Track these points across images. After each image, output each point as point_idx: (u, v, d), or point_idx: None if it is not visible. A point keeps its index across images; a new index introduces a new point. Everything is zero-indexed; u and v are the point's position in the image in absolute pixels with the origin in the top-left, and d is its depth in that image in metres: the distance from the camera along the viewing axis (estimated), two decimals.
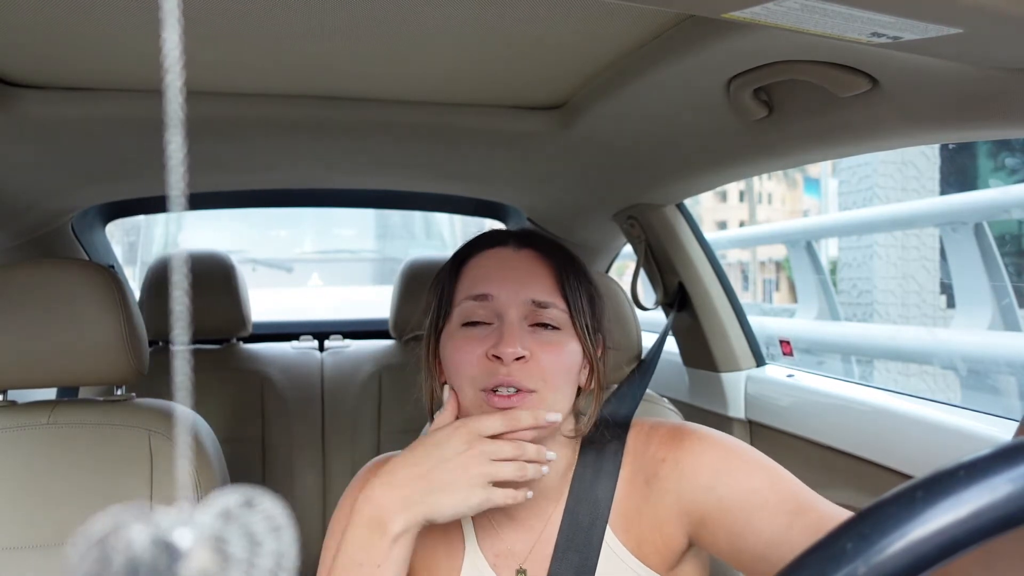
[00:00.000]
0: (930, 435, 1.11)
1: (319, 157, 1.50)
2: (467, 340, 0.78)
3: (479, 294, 0.79)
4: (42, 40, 0.89)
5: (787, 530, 0.71)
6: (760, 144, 1.06)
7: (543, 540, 0.83)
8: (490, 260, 0.82)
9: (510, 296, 0.78)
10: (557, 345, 0.78)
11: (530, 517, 0.83)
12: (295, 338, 2.12)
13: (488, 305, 0.78)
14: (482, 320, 0.79)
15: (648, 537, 0.81)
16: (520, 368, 0.75)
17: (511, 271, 0.80)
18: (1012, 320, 3.87)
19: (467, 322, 0.79)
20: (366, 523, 0.71)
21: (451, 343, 0.80)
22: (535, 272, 0.80)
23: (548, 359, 0.76)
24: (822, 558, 0.28)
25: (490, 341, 0.76)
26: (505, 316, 0.77)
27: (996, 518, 0.27)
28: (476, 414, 0.76)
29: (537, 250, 0.82)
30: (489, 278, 0.80)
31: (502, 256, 0.82)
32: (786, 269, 16.13)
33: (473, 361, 0.77)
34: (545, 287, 0.79)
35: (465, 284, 0.81)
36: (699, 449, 0.80)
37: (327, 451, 1.87)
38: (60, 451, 1.10)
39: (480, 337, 0.77)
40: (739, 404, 1.58)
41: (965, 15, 0.51)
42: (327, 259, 4.61)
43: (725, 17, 0.55)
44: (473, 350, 0.77)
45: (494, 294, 0.78)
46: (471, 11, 0.81)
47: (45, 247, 1.75)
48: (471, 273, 0.82)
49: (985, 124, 0.78)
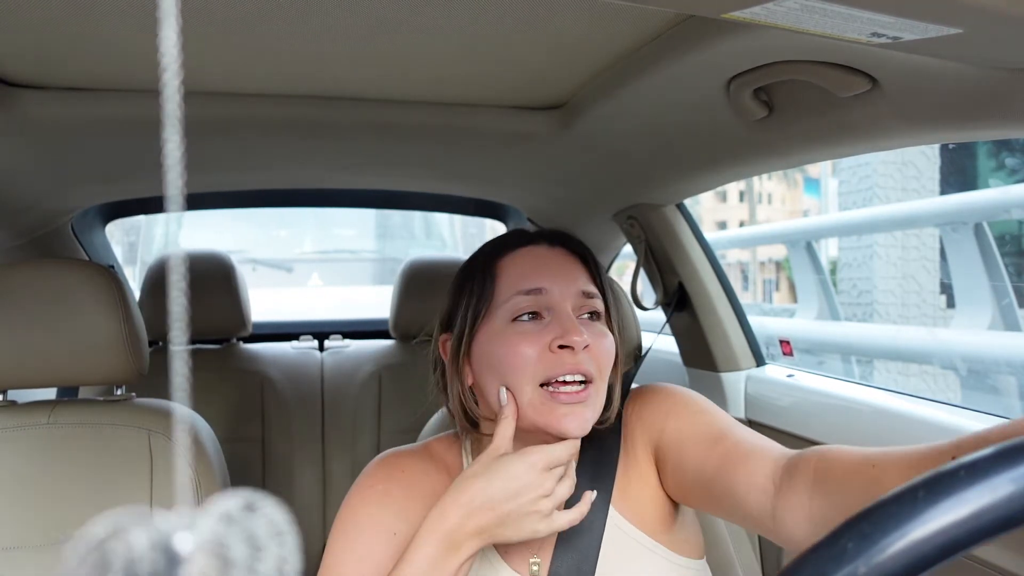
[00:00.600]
0: (930, 435, 1.11)
1: (319, 157, 1.50)
2: (524, 335, 0.78)
3: (532, 288, 0.79)
4: (42, 40, 0.89)
5: (704, 460, 0.78)
6: (760, 144, 1.06)
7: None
8: (532, 257, 0.83)
9: (562, 289, 0.80)
10: (604, 334, 0.81)
11: None
12: (295, 338, 2.12)
13: (541, 299, 0.80)
14: (535, 313, 0.80)
15: (642, 497, 0.85)
16: (584, 356, 0.77)
17: (557, 266, 0.82)
18: (1012, 320, 3.87)
19: (516, 317, 0.80)
20: (439, 541, 0.72)
21: (502, 342, 0.79)
22: (574, 266, 0.83)
23: (601, 346, 0.79)
24: (823, 557, 0.28)
25: (550, 333, 0.77)
26: (559, 309, 0.79)
27: (997, 518, 0.27)
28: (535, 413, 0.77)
29: (567, 248, 0.85)
30: (538, 273, 0.81)
31: (541, 253, 0.84)
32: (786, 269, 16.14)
33: (534, 355, 0.77)
34: (585, 278, 0.83)
35: (509, 280, 0.81)
36: (652, 399, 0.88)
37: (327, 451, 1.87)
38: (60, 451, 1.10)
39: (537, 331, 0.78)
40: (739, 404, 1.58)
41: (965, 15, 0.51)
42: (327, 259, 4.61)
43: (725, 17, 0.55)
44: (533, 345, 0.77)
45: (547, 287, 0.80)
46: (471, 11, 0.81)
47: (45, 247, 1.75)
48: (513, 271, 0.82)
49: (985, 124, 0.78)
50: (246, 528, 0.20)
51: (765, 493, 0.71)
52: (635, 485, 0.86)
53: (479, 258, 0.86)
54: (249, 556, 0.20)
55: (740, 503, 0.74)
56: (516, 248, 0.84)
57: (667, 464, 0.84)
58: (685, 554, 0.85)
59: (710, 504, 0.81)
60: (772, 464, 0.73)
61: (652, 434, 0.86)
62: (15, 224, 1.59)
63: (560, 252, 0.84)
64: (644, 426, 0.87)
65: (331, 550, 0.82)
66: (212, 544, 0.20)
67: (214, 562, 0.20)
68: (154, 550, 0.19)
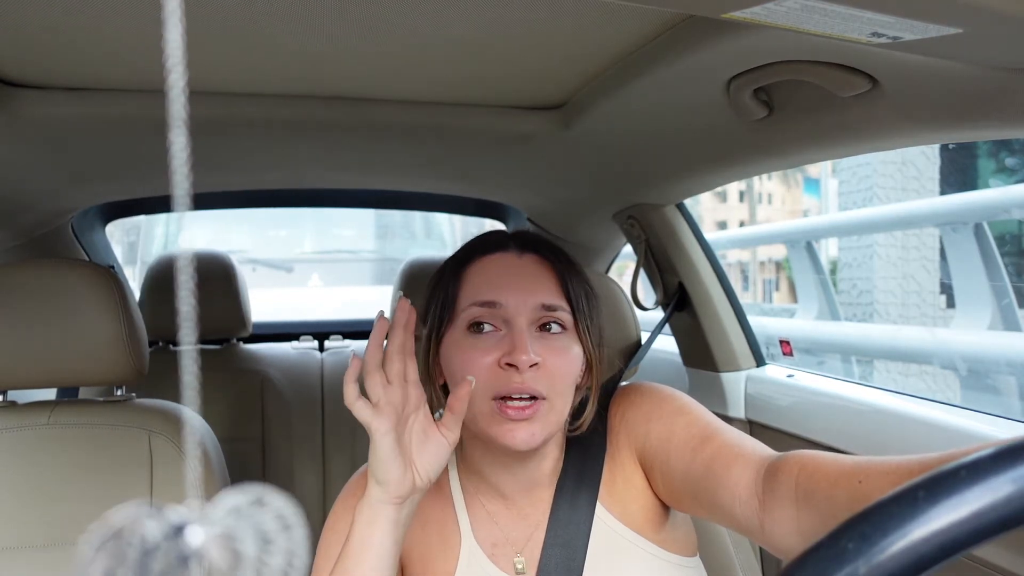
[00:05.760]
0: (930, 435, 1.11)
1: (319, 157, 1.50)
2: (476, 349, 0.78)
3: (487, 301, 0.78)
4: (42, 40, 0.89)
5: (690, 463, 0.77)
6: (760, 144, 1.06)
7: (539, 527, 0.84)
8: (495, 266, 0.82)
9: (518, 303, 0.78)
10: (563, 350, 0.79)
11: (525, 505, 0.85)
12: (295, 338, 2.12)
13: (496, 312, 0.78)
14: (490, 324, 0.78)
15: (628, 497, 0.85)
16: (532, 375, 0.75)
17: (517, 277, 0.80)
18: (1012, 320, 3.87)
19: (473, 326, 0.79)
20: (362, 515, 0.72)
21: (458, 351, 0.79)
22: (540, 277, 0.81)
23: (556, 363, 0.77)
24: (822, 558, 0.28)
25: (501, 349, 0.76)
26: (514, 323, 0.78)
27: (998, 518, 0.27)
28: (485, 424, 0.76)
29: (539, 254, 0.83)
30: (496, 284, 0.79)
31: (506, 262, 0.82)
32: (786, 269, 16.13)
33: (484, 370, 0.76)
34: (551, 290, 0.80)
35: (470, 289, 0.81)
36: (637, 400, 0.87)
37: (327, 451, 1.87)
38: (60, 451, 1.10)
39: (489, 346, 0.77)
40: (739, 404, 1.58)
41: (965, 15, 0.51)
42: (327, 259, 4.60)
43: (725, 17, 0.55)
44: (483, 359, 0.77)
45: (502, 302, 0.78)
46: (471, 11, 0.81)
47: (45, 247, 1.75)
48: (475, 279, 0.81)
49: (985, 124, 0.78)
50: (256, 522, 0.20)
51: (749, 505, 0.71)
52: (621, 485, 0.85)
53: (451, 261, 0.85)
54: (259, 549, 0.20)
55: (727, 513, 0.73)
56: (485, 254, 0.83)
57: (654, 470, 0.83)
58: (676, 552, 0.85)
59: (701, 511, 0.80)
60: (753, 473, 0.72)
61: (636, 439, 0.85)
62: (15, 224, 1.59)
63: (529, 260, 0.82)
64: (627, 429, 0.86)
65: (317, 553, 0.82)
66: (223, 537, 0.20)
67: (225, 555, 0.20)
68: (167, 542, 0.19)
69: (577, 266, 0.85)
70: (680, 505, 0.84)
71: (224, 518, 0.20)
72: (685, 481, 0.78)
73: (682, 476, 0.79)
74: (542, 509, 0.85)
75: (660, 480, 0.83)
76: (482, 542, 0.83)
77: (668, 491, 0.83)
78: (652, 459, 0.83)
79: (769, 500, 0.69)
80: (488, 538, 0.84)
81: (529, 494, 0.85)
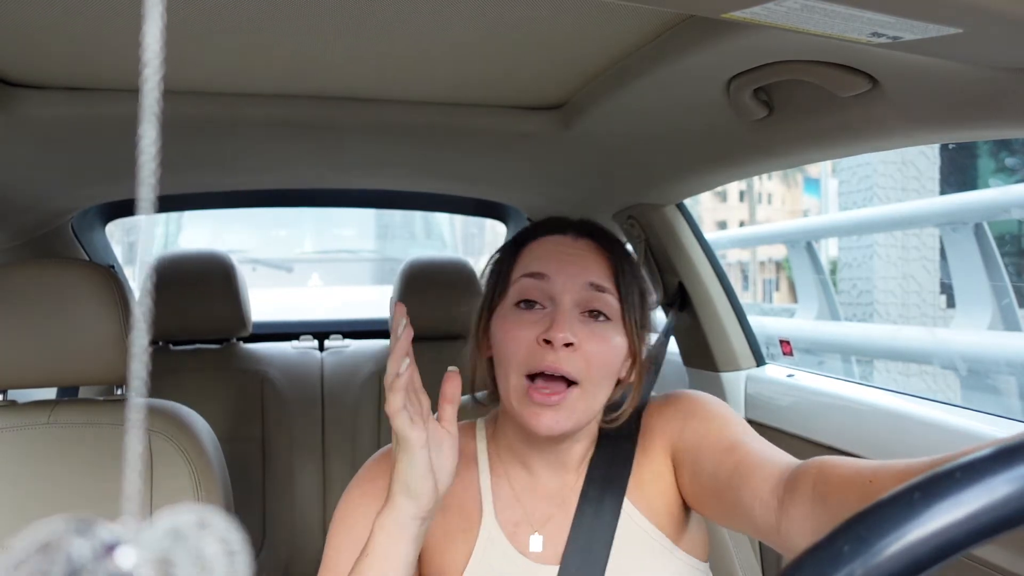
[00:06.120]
0: (930, 435, 1.11)
1: (319, 157, 1.50)
2: (519, 323, 0.80)
3: (535, 272, 0.81)
4: (42, 40, 0.89)
5: (717, 468, 0.78)
6: (760, 144, 1.06)
7: (564, 507, 0.85)
8: (549, 244, 0.84)
9: (566, 280, 0.80)
10: (604, 337, 0.80)
11: (551, 485, 0.86)
12: (295, 338, 2.12)
13: (543, 286, 0.80)
14: (537, 300, 0.80)
15: (654, 493, 0.86)
16: (567, 355, 0.77)
17: (569, 256, 0.82)
18: (1012, 320, 3.87)
19: (521, 300, 0.81)
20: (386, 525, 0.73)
21: (503, 323, 0.81)
22: (591, 259, 0.82)
23: (594, 349, 0.78)
24: (819, 560, 0.28)
25: (542, 326, 0.78)
26: (559, 300, 0.79)
27: (994, 519, 0.27)
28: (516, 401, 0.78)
29: (596, 241, 0.85)
30: (547, 259, 0.82)
31: (561, 242, 0.84)
32: (786, 269, 16.13)
33: (522, 345, 0.78)
34: (600, 273, 0.81)
35: (522, 263, 0.84)
36: (676, 403, 0.89)
37: (327, 451, 1.87)
38: (60, 451, 1.10)
39: (532, 321, 0.79)
40: (739, 404, 1.58)
41: (965, 15, 0.51)
42: (327, 259, 4.60)
43: (725, 17, 0.55)
44: (524, 334, 0.78)
45: (551, 275, 0.80)
46: (471, 11, 0.81)
47: (45, 247, 1.75)
48: (529, 254, 0.84)
49: (985, 124, 0.78)
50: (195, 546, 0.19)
51: (769, 507, 0.71)
52: (650, 482, 0.86)
53: (512, 241, 0.89)
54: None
55: (747, 515, 0.74)
56: (543, 235, 0.86)
57: (684, 469, 0.84)
58: (692, 554, 0.86)
59: (721, 514, 0.81)
60: (777, 477, 0.72)
61: (671, 435, 0.86)
62: (15, 224, 1.59)
63: (585, 244, 0.84)
64: (663, 426, 0.87)
65: (330, 543, 0.82)
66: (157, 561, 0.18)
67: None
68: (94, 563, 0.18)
69: (633, 261, 0.86)
70: (702, 506, 0.84)
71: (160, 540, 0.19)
72: (712, 480, 0.79)
73: (710, 475, 0.79)
74: (567, 492, 0.86)
75: (688, 478, 0.84)
76: (504, 523, 0.85)
77: (693, 490, 0.83)
78: (683, 456, 0.84)
79: (788, 501, 0.69)
80: (510, 518, 0.85)
81: (557, 475, 0.87)
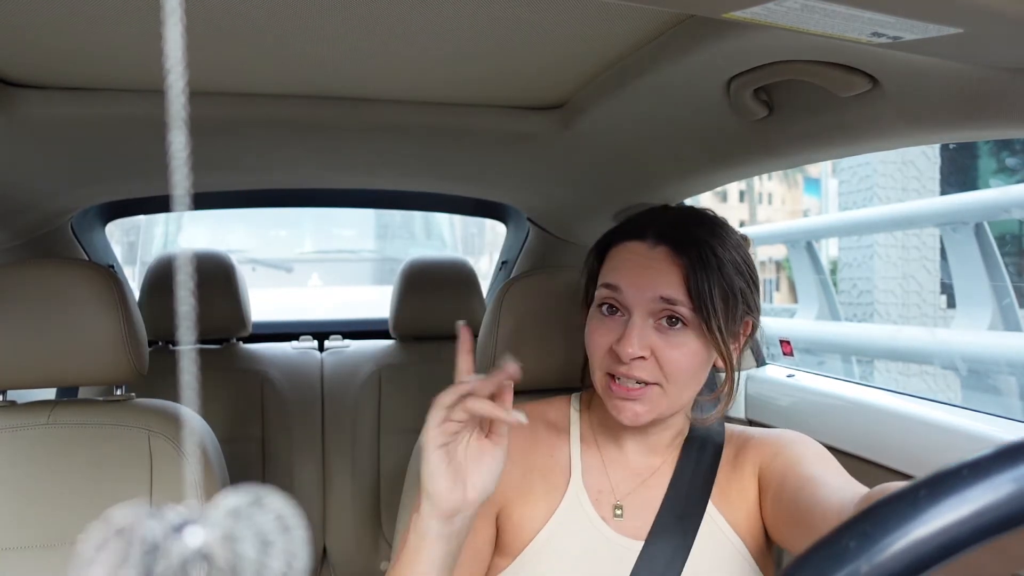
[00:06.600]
0: (930, 435, 1.11)
1: (319, 157, 1.50)
2: (599, 328, 0.84)
3: (610, 283, 0.84)
4: (42, 40, 0.89)
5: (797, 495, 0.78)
6: (760, 144, 1.06)
7: (648, 486, 0.88)
8: (627, 253, 0.86)
9: (636, 294, 0.82)
10: (680, 345, 0.81)
11: (640, 461, 0.90)
12: (295, 338, 2.12)
13: (617, 296, 0.83)
14: (616, 305, 0.84)
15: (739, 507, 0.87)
16: (639, 365, 0.81)
17: (642, 268, 0.83)
18: (1012, 320, 3.87)
19: (602, 305, 0.85)
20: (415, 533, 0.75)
21: (590, 323, 0.87)
22: (664, 270, 0.82)
23: (670, 357, 0.80)
24: (824, 556, 0.28)
25: (616, 334, 0.82)
26: (632, 312, 0.82)
27: (999, 517, 0.27)
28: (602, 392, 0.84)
29: (672, 247, 0.83)
30: (621, 270, 0.84)
31: (638, 252, 0.85)
32: (786, 269, 16.13)
33: (600, 349, 0.83)
34: (672, 284, 0.81)
35: (604, 269, 0.87)
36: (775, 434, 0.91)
37: (327, 451, 1.87)
38: (60, 451, 1.10)
39: (609, 328, 0.83)
40: (739, 404, 1.58)
41: (965, 15, 0.51)
42: (327, 259, 4.60)
43: (725, 17, 0.55)
44: (601, 340, 0.83)
45: (623, 287, 0.83)
46: (471, 11, 0.81)
47: (45, 247, 1.75)
48: (610, 262, 0.87)
49: (985, 124, 0.78)
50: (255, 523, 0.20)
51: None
52: (736, 494, 0.88)
53: (600, 242, 0.92)
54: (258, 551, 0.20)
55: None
56: (624, 240, 0.87)
57: (769, 490, 0.85)
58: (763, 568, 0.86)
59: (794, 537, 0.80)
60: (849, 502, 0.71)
61: (762, 460, 0.88)
62: (15, 224, 1.59)
63: (660, 252, 0.83)
64: (758, 450, 0.89)
65: None
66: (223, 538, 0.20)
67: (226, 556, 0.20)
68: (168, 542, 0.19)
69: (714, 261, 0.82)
70: (781, 534, 0.84)
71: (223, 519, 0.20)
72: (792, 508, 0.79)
73: (790, 503, 0.80)
74: (654, 473, 0.89)
75: (770, 504, 0.84)
76: (589, 488, 0.88)
77: (774, 517, 0.84)
78: (770, 480, 0.85)
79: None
80: (595, 485, 0.89)
81: (644, 455, 0.90)
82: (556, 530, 0.85)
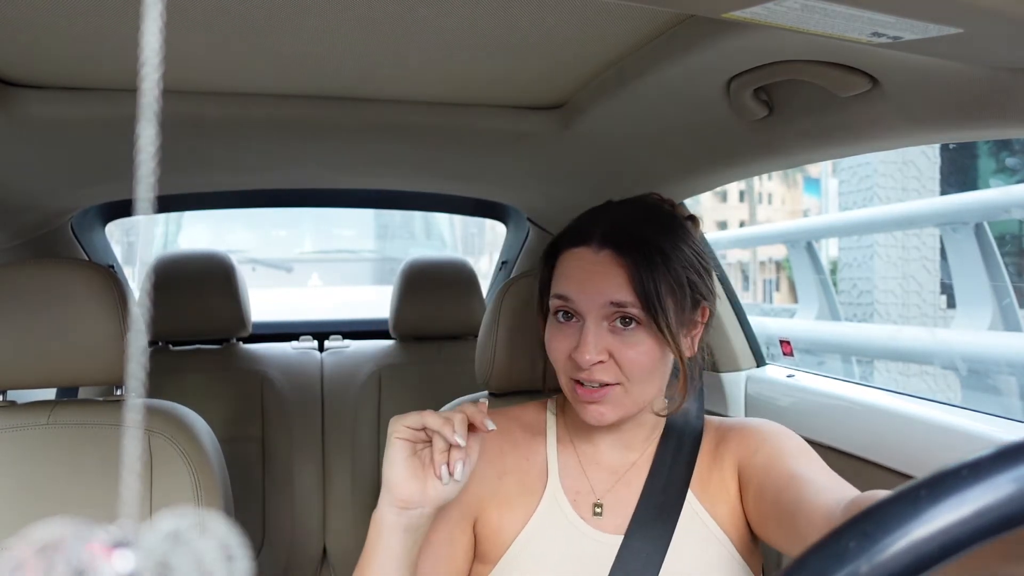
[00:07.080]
0: (930, 435, 1.11)
1: (319, 157, 1.50)
2: (556, 336, 0.86)
3: (560, 294, 0.85)
4: (42, 40, 0.89)
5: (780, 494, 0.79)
6: (760, 144, 1.06)
7: (626, 482, 0.89)
8: (574, 261, 0.86)
9: (588, 301, 0.82)
10: (636, 344, 0.82)
11: (616, 460, 0.91)
12: (295, 338, 2.12)
13: (570, 304, 0.84)
14: (570, 311, 0.85)
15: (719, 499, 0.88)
16: (599, 368, 0.81)
17: (590, 275, 0.83)
18: (1012, 320, 3.88)
19: (557, 312, 0.86)
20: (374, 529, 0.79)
21: (548, 330, 0.88)
22: (611, 274, 0.82)
23: (627, 357, 0.82)
24: (824, 556, 0.28)
25: (574, 340, 0.83)
26: (585, 318, 0.83)
27: (999, 517, 0.27)
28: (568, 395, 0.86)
29: (615, 250, 0.83)
30: (569, 278, 0.85)
31: (583, 258, 0.85)
32: (786, 269, 16.14)
33: (562, 356, 0.84)
34: (620, 287, 0.82)
35: (554, 280, 0.88)
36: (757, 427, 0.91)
37: (327, 451, 1.87)
38: (60, 451, 1.10)
39: (566, 335, 0.85)
40: (739, 404, 1.58)
41: (965, 15, 0.51)
42: (327, 259, 4.61)
43: (725, 17, 0.55)
44: (561, 346, 0.85)
45: (573, 298, 0.84)
46: (471, 11, 0.81)
47: (45, 247, 1.75)
48: (558, 271, 0.88)
49: (985, 124, 0.78)
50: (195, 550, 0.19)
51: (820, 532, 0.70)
52: (716, 486, 0.89)
53: (549, 247, 0.92)
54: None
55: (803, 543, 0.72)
56: (570, 247, 0.87)
57: (749, 489, 0.86)
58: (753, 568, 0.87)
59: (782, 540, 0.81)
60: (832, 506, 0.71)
61: (743, 454, 0.88)
62: (15, 224, 1.59)
63: (606, 256, 0.83)
64: (738, 444, 0.90)
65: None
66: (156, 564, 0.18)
67: None
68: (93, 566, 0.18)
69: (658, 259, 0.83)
70: (764, 529, 0.84)
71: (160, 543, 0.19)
72: (774, 506, 0.80)
73: (772, 501, 0.80)
74: (631, 470, 0.90)
75: (752, 500, 0.85)
76: (567, 489, 0.89)
77: (757, 512, 0.84)
78: (750, 477, 0.86)
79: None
80: (573, 486, 0.89)
81: (620, 453, 0.91)
82: (535, 533, 0.86)
